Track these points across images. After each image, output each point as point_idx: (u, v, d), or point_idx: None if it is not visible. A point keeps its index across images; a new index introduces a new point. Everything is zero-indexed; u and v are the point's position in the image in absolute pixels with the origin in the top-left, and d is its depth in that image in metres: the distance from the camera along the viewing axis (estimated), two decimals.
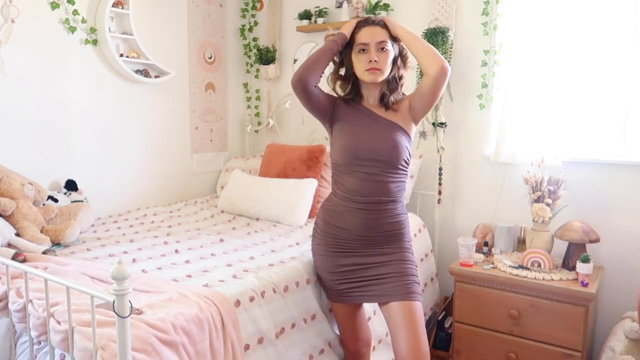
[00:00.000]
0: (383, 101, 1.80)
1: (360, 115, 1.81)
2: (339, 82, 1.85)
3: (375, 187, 1.75)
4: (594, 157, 2.47)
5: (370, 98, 1.83)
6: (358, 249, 1.80)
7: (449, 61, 2.71)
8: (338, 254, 1.83)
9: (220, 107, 3.50)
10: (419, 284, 1.80)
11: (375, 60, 1.70)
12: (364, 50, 1.73)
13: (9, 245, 2.00)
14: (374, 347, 2.05)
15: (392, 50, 1.75)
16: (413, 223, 2.48)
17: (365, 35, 1.73)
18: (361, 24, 1.76)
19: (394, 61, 1.78)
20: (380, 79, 1.75)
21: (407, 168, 1.81)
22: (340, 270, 1.83)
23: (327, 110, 1.83)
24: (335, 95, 1.88)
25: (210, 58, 3.39)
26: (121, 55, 2.78)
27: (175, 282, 1.76)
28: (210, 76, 3.41)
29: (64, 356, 1.38)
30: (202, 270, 1.89)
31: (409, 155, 1.80)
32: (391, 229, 1.79)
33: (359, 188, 1.76)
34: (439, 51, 2.65)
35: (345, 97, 1.85)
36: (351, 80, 1.82)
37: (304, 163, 2.87)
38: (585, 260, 2.19)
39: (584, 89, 2.49)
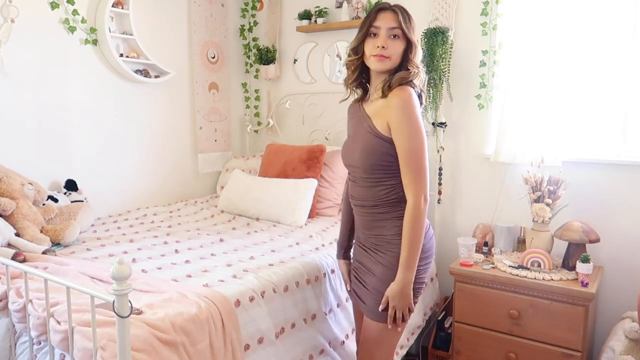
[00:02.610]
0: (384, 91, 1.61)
1: (354, 118, 1.74)
2: (352, 68, 1.69)
3: (363, 192, 1.68)
4: (594, 157, 2.47)
5: (375, 92, 1.66)
6: (361, 247, 1.78)
7: (448, 61, 2.71)
8: (357, 247, 1.83)
9: (223, 107, 3.50)
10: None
11: (383, 47, 1.57)
12: (375, 34, 1.60)
13: (9, 245, 2.01)
14: None
15: (404, 39, 1.60)
16: None
17: (379, 19, 1.60)
18: (379, 6, 1.64)
19: (406, 53, 1.61)
20: (387, 67, 1.60)
21: (392, 173, 1.61)
22: (353, 266, 1.85)
23: None
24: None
25: (213, 58, 3.39)
26: (121, 55, 2.78)
27: (175, 282, 1.76)
28: (214, 76, 3.41)
29: (64, 356, 1.38)
30: (202, 270, 1.89)
31: (392, 159, 1.59)
32: (380, 233, 1.67)
33: (352, 192, 1.75)
34: (440, 51, 2.68)
35: (354, 83, 1.72)
36: (360, 70, 1.68)
37: (304, 163, 2.88)
38: (585, 260, 2.19)
39: (584, 88, 2.49)
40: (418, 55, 1.62)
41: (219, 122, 3.46)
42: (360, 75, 1.71)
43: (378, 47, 1.58)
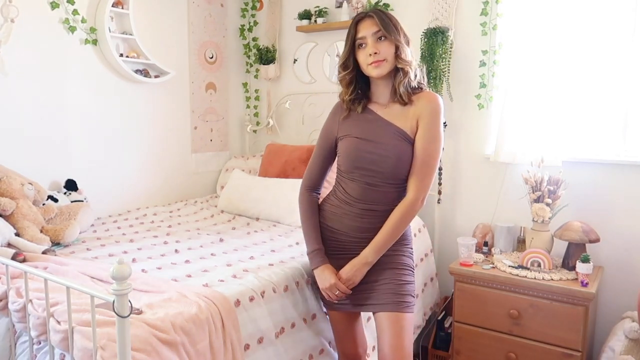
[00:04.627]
0: (400, 97, 1.67)
1: (365, 123, 1.71)
2: (345, 83, 1.73)
3: (376, 195, 1.69)
4: (594, 157, 2.47)
5: (381, 96, 1.73)
6: (356, 251, 1.73)
7: (448, 61, 2.71)
8: (336, 256, 1.78)
9: (221, 107, 3.50)
10: (413, 294, 1.74)
11: (376, 53, 1.61)
12: (362, 45, 1.65)
13: (9, 245, 2.00)
14: (368, 355, 2.03)
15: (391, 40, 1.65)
16: (413, 223, 2.44)
17: (361, 30, 1.65)
18: (357, 18, 1.69)
19: (396, 50, 1.65)
20: (387, 69, 1.64)
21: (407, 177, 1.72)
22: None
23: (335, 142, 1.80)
24: (335, 119, 1.79)
25: (211, 58, 3.39)
26: (121, 55, 2.78)
27: (175, 281, 1.76)
28: (211, 76, 3.41)
29: (64, 356, 1.38)
30: (202, 270, 1.89)
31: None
32: None
33: (359, 195, 1.71)
34: (439, 51, 2.68)
35: (350, 98, 1.74)
36: (355, 81, 1.72)
37: (304, 163, 2.88)
38: (585, 260, 2.19)
39: (584, 88, 2.49)
40: (406, 53, 1.65)
41: (216, 122, 3.46)
42: (355, 88, 1.73)
43: (370, 54, 1.62)
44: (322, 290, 1.77)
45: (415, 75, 1.69)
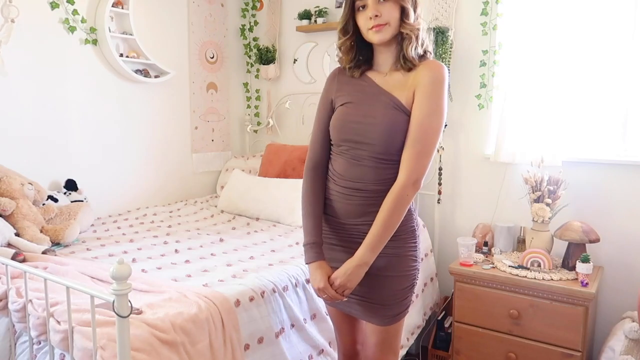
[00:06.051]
0: (404, 63, 1.47)
1: (359, 89, 1.53)
2: (345, 49, 1.54)
3: (362, 171, 1.48)
4: (594, 157, 2.47)
5: (383, 64, 1.52)
6: (351, 240, 1.52)
7: (448, 61, 2.71)
8: (331, 246, 1.57)
9: (222, 107, 3.50)
10: (409, 299, 1.57)
11: (377, 16, 1.42)
12: (363, 7, 1.45)
13: (9, 245, 2.01)
14: None
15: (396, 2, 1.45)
16: None
17: None
18: None
19: (401, 13, 1.45)
20: (389, 34, 1.45)
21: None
22: (332, 267, 1.53)
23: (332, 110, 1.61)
24: (333, 85, 1.60)
25: (212, 58, 3.39)
26: (121, 55, 2.78)
27: (175, 281, 1.76)
28: (212, 76, 3.41)
29: (64, 356, 1.38)
30: (202, 270, 1.89)
31: None
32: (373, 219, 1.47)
33: (343, 171, 1.51)
34: (439, 51, 2.68)
35: (350, 66, 1.56)
36: (357, 47, 1.53)
37: (304, 163, 2.87)
38: (585, 260, 2.19)
39: (584, 89, 2.49)
40: (412, 16, 1.45)
41: (217, 122, 3.46)
42: (357, 55, 1.54)
43: (371, 18, 1.43)
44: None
45: (423, 42, 1.49)
